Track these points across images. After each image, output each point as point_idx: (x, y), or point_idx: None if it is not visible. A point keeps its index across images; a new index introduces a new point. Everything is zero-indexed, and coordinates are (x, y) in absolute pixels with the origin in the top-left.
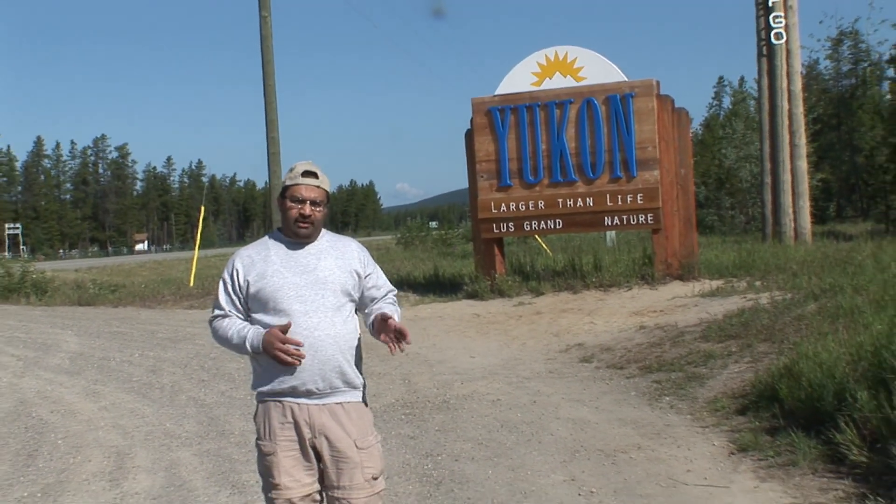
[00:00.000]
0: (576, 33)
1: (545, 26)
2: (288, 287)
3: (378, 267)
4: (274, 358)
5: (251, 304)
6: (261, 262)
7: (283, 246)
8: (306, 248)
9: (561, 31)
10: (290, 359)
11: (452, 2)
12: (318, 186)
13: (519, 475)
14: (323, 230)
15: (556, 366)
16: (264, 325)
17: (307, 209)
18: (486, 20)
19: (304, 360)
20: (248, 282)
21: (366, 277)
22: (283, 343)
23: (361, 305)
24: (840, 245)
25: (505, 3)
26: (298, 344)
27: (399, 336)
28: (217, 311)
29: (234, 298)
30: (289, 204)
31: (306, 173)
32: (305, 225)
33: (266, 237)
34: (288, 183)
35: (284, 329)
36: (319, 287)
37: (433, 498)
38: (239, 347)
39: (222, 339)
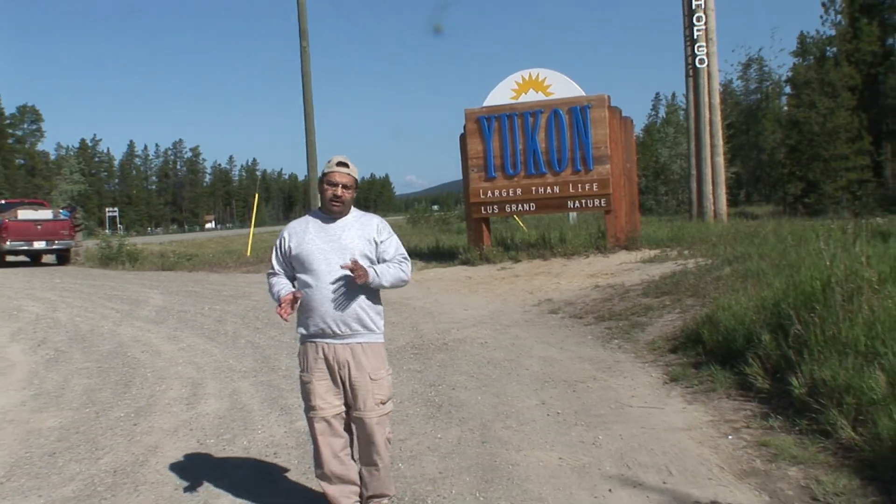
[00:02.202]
0: (546, 54)
1: (523, 43)
2: (318, 252)
3: (394, 236)
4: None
5: (293, 263)
6: (301, 232)
7: (319, 220)
8: (336, 222)
9: (535, 50)
10: (280, 315)
11: (446, 23)
12: (348, 174)
13: (502, 400)
14: (353, 209)
15: (530, 316)
16: (302, 282)
17: (339, 191)
18: (473, 37)
19: (327, 309)
20: (290, 247)
21: (381, 243)
22: (280, 304)
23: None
24: (749, 223)
25: (489, 25)
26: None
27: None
28: (270, 270)
29: (282, 259)
30: (325, 187)
31: (339, 163)
32: (337, 203)
33: (308, 214)
34: (325, 170)
35: (295, 296)
36: (342, 252)
37: (435, 418)
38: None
39: (270, 292)
